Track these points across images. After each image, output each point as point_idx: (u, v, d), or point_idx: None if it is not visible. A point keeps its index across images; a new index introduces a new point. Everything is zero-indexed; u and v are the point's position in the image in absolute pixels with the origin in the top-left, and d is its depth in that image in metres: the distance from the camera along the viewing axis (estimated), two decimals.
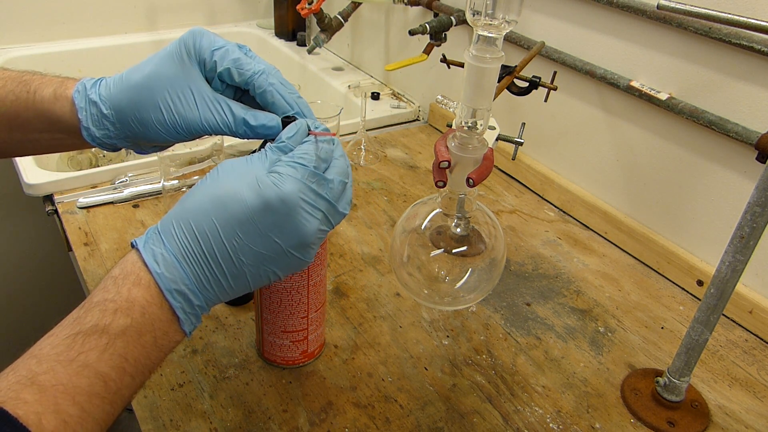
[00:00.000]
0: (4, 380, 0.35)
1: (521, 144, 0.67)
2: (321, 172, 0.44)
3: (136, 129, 0.49)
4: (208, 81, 0.49)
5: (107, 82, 0.50)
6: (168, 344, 0.41)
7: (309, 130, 0.46)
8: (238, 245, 0.41)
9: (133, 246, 0.42)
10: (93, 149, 1.20)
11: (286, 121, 0.48)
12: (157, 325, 0.40)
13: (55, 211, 0.85)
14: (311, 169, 0.43)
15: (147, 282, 0.40)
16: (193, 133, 0.49)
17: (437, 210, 0.60)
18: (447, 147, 0.55)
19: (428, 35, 1.00)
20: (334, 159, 0.46)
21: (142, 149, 0.53)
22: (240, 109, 0.48)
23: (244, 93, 0.51)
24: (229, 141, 0.89)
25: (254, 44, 1.56)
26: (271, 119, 0.48)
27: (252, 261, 0.42)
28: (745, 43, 0.66)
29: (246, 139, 0.49)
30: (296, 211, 0.41)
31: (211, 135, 0.50)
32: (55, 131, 0.51)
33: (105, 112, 0.49)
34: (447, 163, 0.54)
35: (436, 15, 1.04)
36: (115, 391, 0.38)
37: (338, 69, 1.38)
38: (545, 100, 0.76)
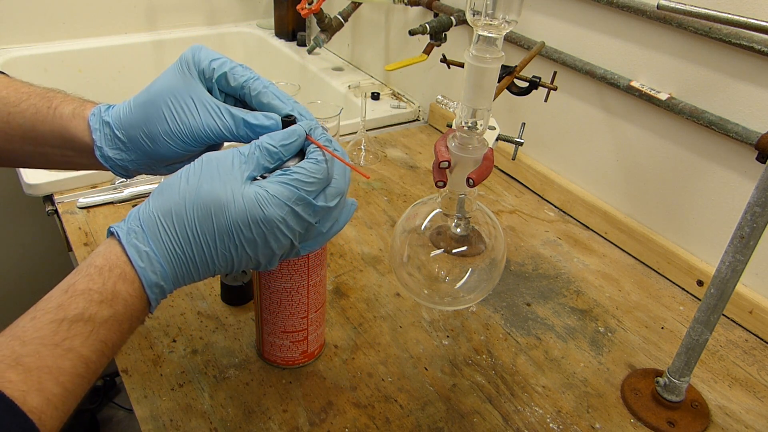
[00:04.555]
0: None
1: (521, 144, 0.67)
2: (312, 198, 0.45)
3: (146, 146, 0.50)
4: (210, 91, 0.51)
5: (119, 105, 0.52)
6: (137, 325, 0.45)
7: (307, 134, 0.47)
8: (215, 251, 0.44)
9: (111, 233, 0.44)
10: None
11: (286, 121, 0.48)
12: (135, 315, 0.43)
13: (55, 211, 0.85)
14: (301, 194, 0.44)
15: (132, 277, 0.42)
16: (198, 141, 0.50)
17: (437, 210, 0.60)
18: (447, 147, 0.55)
19: (428, 35, 1.00)
20: (332, 179, 0.47)
21: (155, 170, 0.54)
22: (239, 111, 0.49)
23: (244, 105, 0.52)
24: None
25: (254, 44, 1.56)
26: (270, 117, 0.49)
27: (224, 264, 0.45)
28: (745, 43, 0.66)
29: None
30: (273, 232, 0.44)
31: (217, 143, 0.51)
32: (67, 148, 0.53)
33: (116, 132, 0.51)
34: (447, 163, 0.54)
35: (436, 15, 1.04)
36: (94, 371, 0.41)
37: (338, 69, 1.38)
38: (545, 100, 0.76)
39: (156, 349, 0.63)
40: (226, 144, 0.52)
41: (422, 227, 0.61)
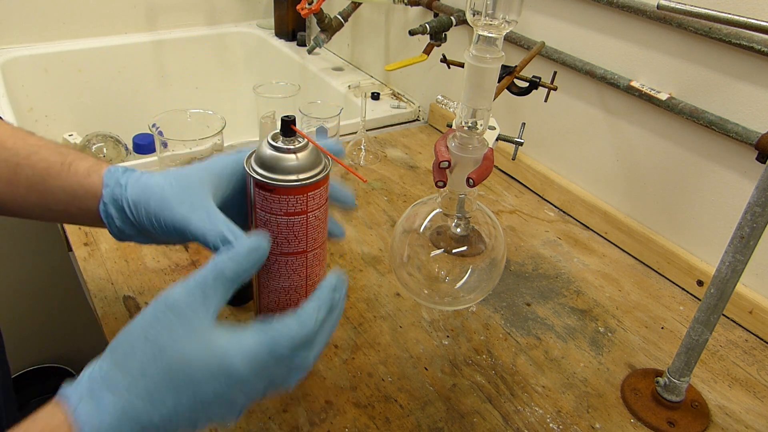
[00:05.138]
0: None
1: (521, 144, 0.67)
2: (292, 353, 0.42)
3: (149, 223, 0.50)
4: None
5: (139, 173, 0.53)
6: None
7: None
8: (177, 413, 0.39)
9: (63, 397, 0.38)
10: (93, 148, 1.20)
11: (286, 120, 0.48)
12: None
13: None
14: (282, 353, 0.41)
15: None
16: (182, 237, 0.50)
17: (437, 210, 0.60)
18: (447, 147, 0.55)
19: (428, 35, 1.00)
20: (317, 335, 0.44)
21: (149, 239, 0.54)
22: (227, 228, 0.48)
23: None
24: (229, 141, 0.89)
25: (254, 44, 1.56)
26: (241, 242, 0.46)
27: (187, 425, 0.40)
28: (745, 43, 0.66)
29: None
30: (240, 389, 0.40)
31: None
32: (73, 204, 0.53)
33: (128, 196, 0.51)
34: (447, 163, 0.54)
35: (436, 15, 1.04)
36: None
37: (338, 69, 1.38)
38: (545, 100, 0.76)
39: None
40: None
41: (422, 227, 0.61)
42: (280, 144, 0.49)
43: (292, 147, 0.49)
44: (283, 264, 0.53)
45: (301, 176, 0.49)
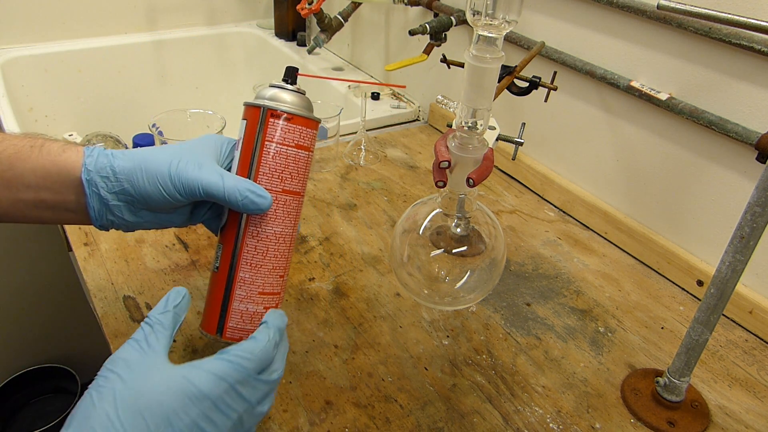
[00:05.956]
0: None
1: (521, 144, 0.67)
2: (256, 373, 0.43)
3: (139, 182, 0.50)
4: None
5: (116, 151, 0.53)
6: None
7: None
8: None
9: None
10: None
11: (292, 68, 0.53)
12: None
13: None
14: (247, 373, 0.43)
15: None
16: (189, 195, 0.51)
17: (437, 210, 0.60)
18: (447, 147, 0.55)
19: (428, 35, 1.00)
20: (277, 352, 0.46)
21: (132, 215, 0.53)
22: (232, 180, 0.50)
23: None
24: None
25: (254, 44, 1.56)
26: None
27: None
28: (745, 43, 0.66)
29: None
30: (209, 408, 0.41)
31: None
32: (45, 188, 0.51)
33: (114, 162, 0.51)
34: (447, 163, 0.54)
35: (436, 15, 1.04)
36: None
37: (338, 69, 1.38)
38: (545, 100, 0.76)
39: None
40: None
41: (422, 227, 0.61)
42: (289, 86, 0.53)
43: (303, 89, 0.53)
44: (282, 203, 0.52)
45: (311, 112, 0.53)
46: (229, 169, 0.53)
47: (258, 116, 0.51)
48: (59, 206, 0.52)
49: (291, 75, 0.54)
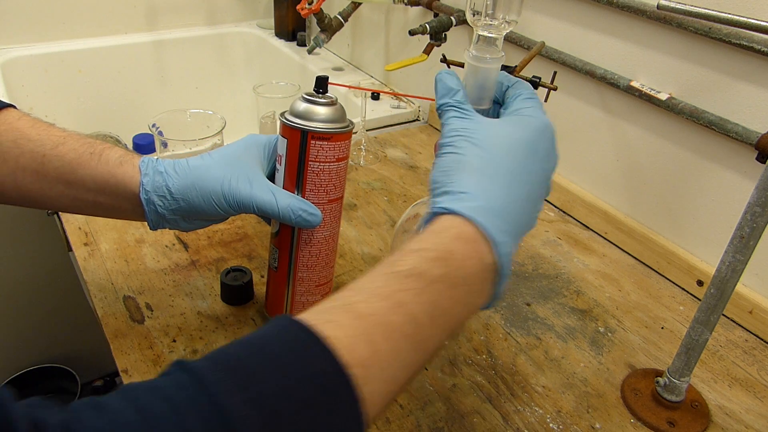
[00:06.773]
0: (321, 306, 0.36)
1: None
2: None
3: (194, 200, 0.54)
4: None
5: (171, 160, 0.56)
6: (475, 303, 0.41)
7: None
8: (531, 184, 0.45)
9: (440, 212, 0.41)
10: None
11: (322, 77, 0.56)
12: (471, 280, 0.39)
13: (56, 211, 0.85)
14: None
15: (467, 236, 0.40)
16: (241, 209, 0.55)
17: None
18: None
19: (428, 35, 1.00)
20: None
21: (185, 222, 0.57)
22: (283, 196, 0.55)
23: None
24: (229, 141, 0.89)
25: (254, 44, 1.56)
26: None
27: (537, 198, 0.46)
28: (745, 43, 0.66)
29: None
30: (553, 137, 0.48)
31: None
32: (104, 194, 0.54)
33: (168, 180, 0.54)
34: None
35: (436, 15, 1.04)
36: (423, 339, 0.37)
37: (338, 69, 1.38)
38: (545, 100, 0.76)
39: (156, 349, 0.63)
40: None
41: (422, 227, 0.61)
42: (323, 99, 0.55)
43: (334, 98, 0.55)
44: (328, 212, 0.57)
45: (346, 123, 0.56)
46: (273, 175, 0.57)
47: (299, 138, 0.54)
48: (116, 209, 0.56)
49: (323, 85, 0.56)
